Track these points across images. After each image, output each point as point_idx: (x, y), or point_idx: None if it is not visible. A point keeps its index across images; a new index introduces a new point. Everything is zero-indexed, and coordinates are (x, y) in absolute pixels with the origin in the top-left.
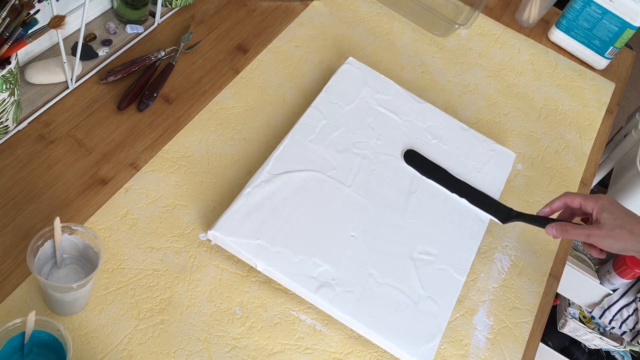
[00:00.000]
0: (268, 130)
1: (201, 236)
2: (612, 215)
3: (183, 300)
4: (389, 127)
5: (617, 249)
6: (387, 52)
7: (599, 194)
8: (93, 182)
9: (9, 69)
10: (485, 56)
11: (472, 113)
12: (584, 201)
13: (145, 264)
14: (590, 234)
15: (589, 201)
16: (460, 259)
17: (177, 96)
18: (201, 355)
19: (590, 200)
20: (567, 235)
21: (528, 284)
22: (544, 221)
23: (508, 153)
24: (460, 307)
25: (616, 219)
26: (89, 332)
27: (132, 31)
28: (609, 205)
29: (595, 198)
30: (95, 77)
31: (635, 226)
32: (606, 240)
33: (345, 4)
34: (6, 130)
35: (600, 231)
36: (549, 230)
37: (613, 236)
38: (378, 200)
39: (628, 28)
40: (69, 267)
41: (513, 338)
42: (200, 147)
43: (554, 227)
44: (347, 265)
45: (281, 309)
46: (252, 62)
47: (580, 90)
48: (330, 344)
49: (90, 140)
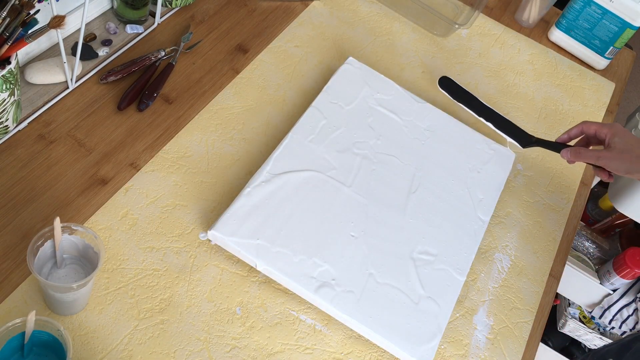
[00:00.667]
0: (268, 130)
1: (201, 236)
2: (622, 139)
3: (183, 300)
4: (389, 127)
5: (624, 170)
6: (387, 52)
7: (614, 123)
8: (93, 182)
9: (9, 69)
10: (485, 56)
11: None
12: (600, 128)
13: (145, 264)
14: (600, 156)
15: (604, 128)
16: (460, 259)
17: (177, 96)
18: (201, 355)
19: (605, 127)
20: (579, 157)
21: (528, 284)
22: (561, 147)
23: (508, 153)
24: (460, 307)
25: (626, 143)
26: (89, 332)
27: (132, 31)
28: (621, 132)
29: (609, 125)
30: (95, 77)
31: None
32: (614, 162)
33: (345, 4)
34: (6, 130)
35: (609, 154)
36: (563, 154)
37: (620, 158)
38: (378, 200)
39: (628, 28)
40: (69, 267)
41: (513, 338)
42: (200, 147)
43: (569, 151)
44: (347, 265)
45: (281, 309)
46: (252, 62)
47: (580, 90)
48: (330, 344)
49: (90, 140)
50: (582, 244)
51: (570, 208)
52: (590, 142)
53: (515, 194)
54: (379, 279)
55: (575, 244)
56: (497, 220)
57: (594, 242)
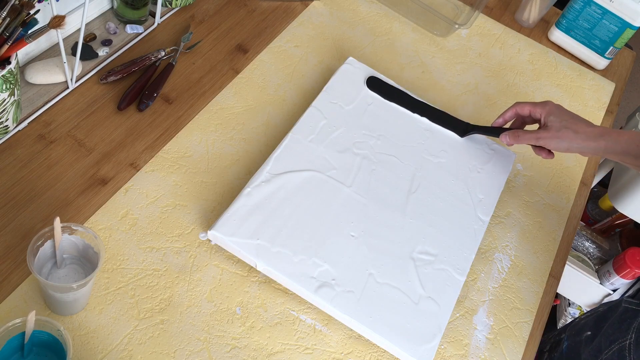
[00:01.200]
0: (268, 130)
1: (201, 236)
2: (558, 117)
3: (183, 300)
4: (389, 127)
5: (564, 148)
6: (387, 52)
7: (546, 100)
8: (93, 182)
9: (9, 69)
10: (485, 56)
11: (472, 113)
12: (533, 108)
13: (145, 264)
14: (539, 136)
15: (537, 107)
16: (460, 259)
17: (177, 96)
18: (201, 355)
19: (538, 107)
20: (519, 140)
21: (528, 284)
22: (499, 131)
23: (508, 153)
24: (460, 307)
25: (562, 120)
26: (89, 332)
27: (132, 31)
28: (555, 109)
29: (542, 104)
30: (95, 77)
31: (579, 126)
32: (553, 141)
33: (345, 4)
34: (6, 130)
35: (547, 133)
36: (503, 138)
37: (559, 136)
38: (378, 200)
39: (628, 28)
40: (69, 267)
41: (513, 338)
42: (200, 147)
43: (507, 134)
44: (347, 265)
45: (281, 309)
46: (252, 62)
47: (580, 90)
48: (330, 344)
49: (90, 140)
50: (582, 244)
51: (570, 208)
52: (526, 122)
53: (515, 194)
54: (379, 279)
55: (575, 244)
56: (497, 220)
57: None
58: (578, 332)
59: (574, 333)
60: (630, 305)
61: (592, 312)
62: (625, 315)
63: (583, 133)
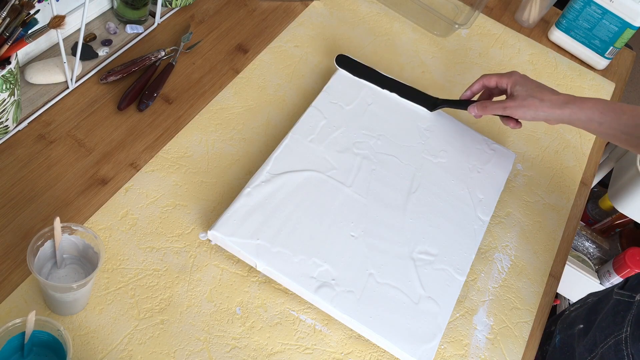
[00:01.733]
0: (268, 130)
1: (201, 236)
2: (524, 87)
3: (183, 300)
4: (389, 127)
5: (530, 116)
6: (387, 52)
7: (512, 71)
8: (93, 182)
9: (9, 69)
10: (485, 56)
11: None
12: (499, 78)
13: (145, 264)
14: (506, 106)
15: (503, 78)
16: (460, 259)
17: (177, 96)
18: (201, 355)
19: (504, 77)
20: (486, 110)
21: (528, 284)
22: (467, 103)
23: (508, 153)
24: (460, 307)
25: (527, 89)
26: (89, 332)
27: (132, 31)
28: (521, 79)
29: (508, 74)
30: (95, 77)
31: (544, 94)
32: (520, 110)
33: (345, 4)
34: (6, 130)
35: (514, 102)
36: (471, 110)
37: (525, 105)
38: (378, 200)
39: (628, 28)
40: (69, 267)
41: (513, 338)
42: (200, 147)
43: (475, 106)
44: (347, 265)
45: (281, 309)
46: (252, 62)
47: (580, 90)
48: (330, 344)
49: (90, 140)
50: (582, 244)
51: (570, 208)
52: (493, 93)
53: (515, 194)
54: (379, 279)
55: (575, 244)
56: (497, 220)
57: (594, 242)
58: (570, 326)
59: (566, 326)
60: (622, 297)
61: (581, 303)
62: (618, 307)
63: (548, 101)
